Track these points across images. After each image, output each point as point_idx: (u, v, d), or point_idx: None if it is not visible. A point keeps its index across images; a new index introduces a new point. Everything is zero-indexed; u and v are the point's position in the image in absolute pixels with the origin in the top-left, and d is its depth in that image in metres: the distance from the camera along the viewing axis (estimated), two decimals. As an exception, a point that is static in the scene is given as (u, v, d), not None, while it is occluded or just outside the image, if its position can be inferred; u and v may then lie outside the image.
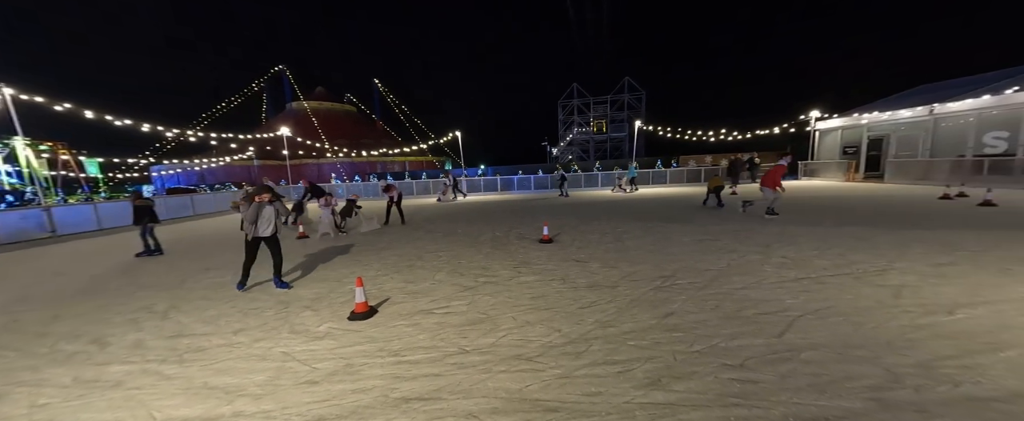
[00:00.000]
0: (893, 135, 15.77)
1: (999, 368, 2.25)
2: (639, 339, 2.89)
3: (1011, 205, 8.20)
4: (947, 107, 13.69)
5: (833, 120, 18.45)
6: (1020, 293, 3.36)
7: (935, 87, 17.35)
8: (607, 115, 42.97)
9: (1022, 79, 12.74)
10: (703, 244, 6.01)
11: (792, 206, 9.92)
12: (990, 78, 14.67)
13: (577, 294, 3.97)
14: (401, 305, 3.92)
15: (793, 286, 3.86)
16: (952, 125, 13.70)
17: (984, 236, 5.55)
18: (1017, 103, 11.80)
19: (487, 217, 11.05)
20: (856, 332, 2.81)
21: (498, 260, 5.66)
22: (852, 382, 2.20)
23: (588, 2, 64.95)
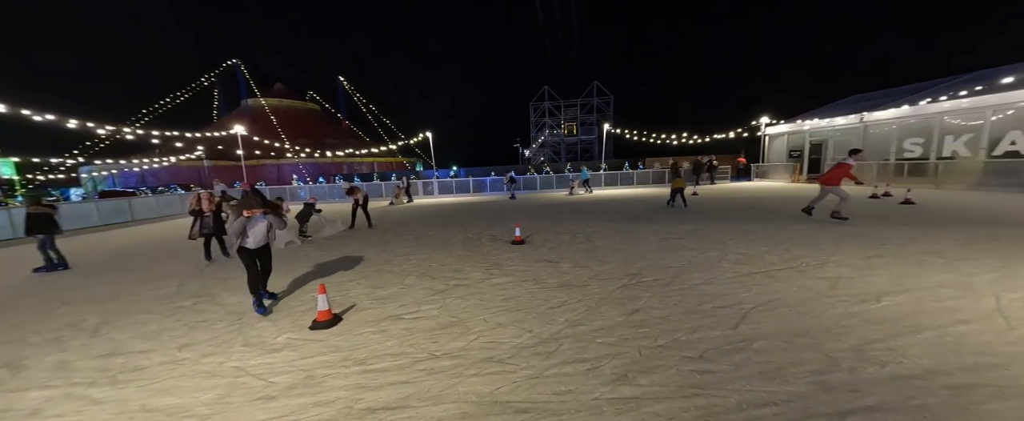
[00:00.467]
0: (831, 140, 17.38)
1: (917, 349, 2.54)
2: (607, 336, 2.97)
3: (926, 203, 9.29)
4: (874, 115, 15.30)
5: (780, 126, 20.03)
6: (934, 281, 3.80)
7: (865, 97, 19.32)
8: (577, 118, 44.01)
9: (935, 91, 14.50)
10: (667, 242, 6.30)
11: (748, 206, 10.64)
12: (909, 90, 16.57)
13: (548, 294, 4.02)
14: (368, 311, 3.78)
15: (746, 280, 4.14)
16: (878, 132, 15.32)
17: (905, 231, 6.24)
18: (930, 113, 13.41)
19: (459, 219, 10.92)
20: (800, 321, 3.06)
21: (470, 262, 5.61)
22: (797, 368, 2.39)
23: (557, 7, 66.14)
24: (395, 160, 42.90)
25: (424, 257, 6.11)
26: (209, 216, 6.54)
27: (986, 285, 3.61)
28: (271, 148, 31.81)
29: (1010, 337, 2.63)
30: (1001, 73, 12.59)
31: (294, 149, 34.99)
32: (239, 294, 4.60)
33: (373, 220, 10.59)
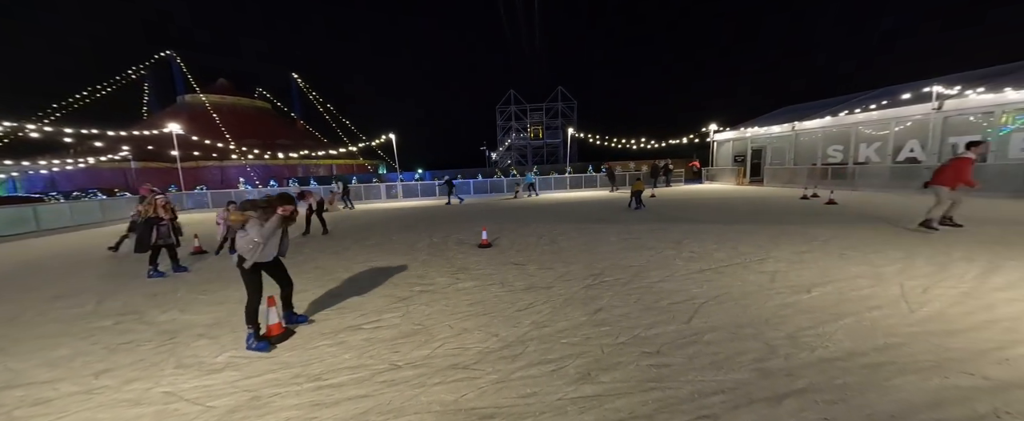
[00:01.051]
0: (768, 147, 19.16)
1: (839, 334, 2.85)
2: (571, 336, 3.03)
3: (847, 203, 10.52)
4: (803, 125, 17.10)
5: (726, 133, 21.76)
6: (852, 273, 4.31)
7: (797, 108, 21.53)
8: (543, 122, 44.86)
9: (852, 104, 16.49)
10: (627, 242, 6.59)
11: (700, 206, 11.42)
12: (832, 102, 18.71)
13: (515, 297, 4.04)
14: (324, 323, 3.56)
15: (698, 277, 4.43)
16: (807, 139, 17.14)
17: (829, 229, 7.01)
18: (848, 123, 15.24)
19: (425, 223, 10.68)
20: (744, 313, 3.33)
21: (435, 267, 5.49)
22: (741, 356, 2.59)
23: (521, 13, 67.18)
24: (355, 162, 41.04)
25: (387, 263, 5.89)
26: (166, 224, 5.81)
27: (892, 275, 4.15)
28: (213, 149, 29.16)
29: (911, 319, 3.04)
30: (901, 90, 14.62)
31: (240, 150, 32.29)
32: (172, 310, 4.15)
33: (334, 226, 10.05)
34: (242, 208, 3.12)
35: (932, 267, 4.35)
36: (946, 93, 11.99)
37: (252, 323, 3.05)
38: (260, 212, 3.04)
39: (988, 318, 2.98)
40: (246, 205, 3.10)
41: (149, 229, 5.62)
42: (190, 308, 4.20)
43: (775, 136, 18.69)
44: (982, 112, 11.33)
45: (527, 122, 45.00)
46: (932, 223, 6.17)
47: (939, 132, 12.27)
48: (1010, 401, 1.99)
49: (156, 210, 5.70)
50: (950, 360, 2.41)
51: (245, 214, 3.03)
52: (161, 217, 5.73)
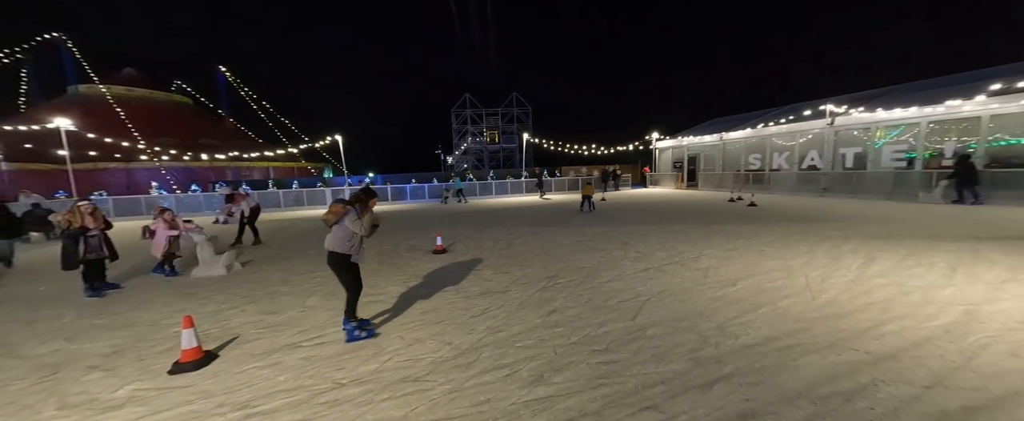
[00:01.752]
0: (702, 154, 21.19)
1: (758, 322, 3.22)
2: (526, 339, 3.07)
3: (765, 205, 11.96)
4: (729, 135, 19.18)
5: (666, 141, 23.66)
6: (768, 267, 4.90)
7: (724, 120, 24.08)
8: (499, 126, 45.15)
9: (768, 118, 18.83)
10: (580, 245, 6.85)
11: (645, 209, 12.24)
12: (752, 116, 21.22)
13: (470, 303, 3.99)
14: (256, 343, 3.22)
15: (643, 275, 4.74)
16: (733, 148, 19.25)
17: (751, 228, 7.92)
18: (764, 135, 17.38)
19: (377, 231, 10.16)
20: (682, 307, 3.62)
21: (386, 276, 5.25)
22: (679, 348, 2.81)
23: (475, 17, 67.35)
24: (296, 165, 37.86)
25: (330, 274, 5.49)
26: (96, 236, 4.88)
27: (799, 267, 4.80)
28: (116, 148, 25.13)
29: (814, 306, 3.53)
30: (804, 107, 17.03)
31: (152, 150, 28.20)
32: (55, 339, 3.49)
33: (274, 234, 9.16)
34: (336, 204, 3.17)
35: (829, 259, 5.10)
36: (836, 111, 14.22)
37: (354, 316, 3.18)
38: (359, 206, 3.15)
39: (868, 301, 3.56)
40: (340, 201, 3.17)
41: (76, 242, 4.76)
42: (81, 336, 3.56)
43: (707, 145, 20.72)
44: (862, 128, 13.61)
45: (483, 126, 45.01)
46: None
47: (833, 144, 14.49)
48: (885, 371, 2.39)
49: (82, 220, 4.80)
50: (841, 339, 2.84)
51: (344, 208, 3.10)
52: (88, 228, 4.83)
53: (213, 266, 5.63)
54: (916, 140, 12.09)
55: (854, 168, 13.79)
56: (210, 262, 5.66)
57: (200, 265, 5.61)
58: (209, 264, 5.64)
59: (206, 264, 5.62)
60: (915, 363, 2.46)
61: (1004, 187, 9.97)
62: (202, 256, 5.62)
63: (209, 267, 5.63)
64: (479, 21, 60.78)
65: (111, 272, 5.53)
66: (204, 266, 5.60)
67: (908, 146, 12.35)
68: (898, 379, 2.29)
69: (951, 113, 11.14)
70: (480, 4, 68.45)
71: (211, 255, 5.73)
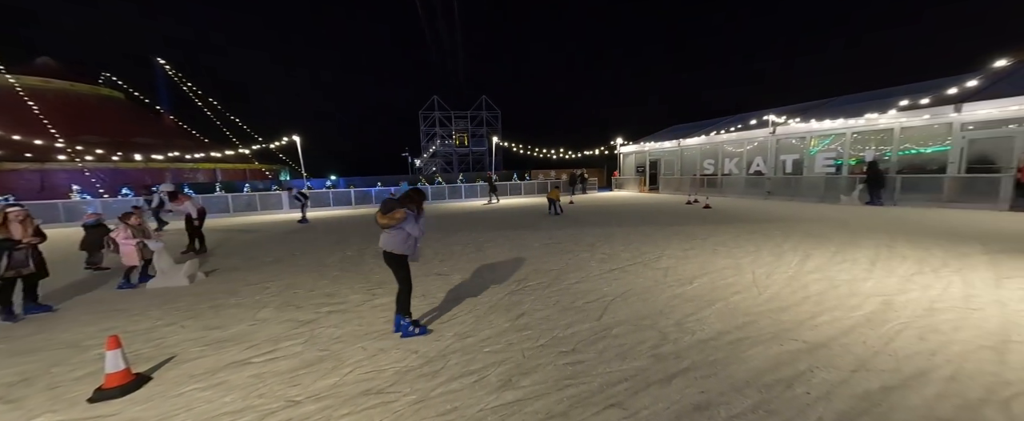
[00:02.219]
0: (662, 159, 22.37)
1: (712, 317, 3.44)
2: (494, 344, 3.06)
3: (719, 208, 12.84)
4: (686, 142, 20.43)
5: (630, 146, 24.74)
6: (721, 265, 5.25)
7: (681, 127, 25.60)
8: (468, 129, 44.90)
9: (719, 125, 20.27)
10: (548, 247, 6.96)
11: (611, 212, 12.67)
12: (707, 124, 22.74)
13: (438, 309, 3.91)
14: (197, 362, 2.94)
15: (608, 276, 4.90)
16: (689, 154, 20.51)
17: (706, 228, 8.46)
18: (717, 142, 18.69)
19: (338, 235, 9.69)
20: (644, 306, 3.79)
21: (348, 284, 5.01)
22: (641, 345, 2.93)
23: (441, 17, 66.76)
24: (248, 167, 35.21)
25: (287, 283, 5.16)
26: (24, 249, 4.12)
27: (748, 265, 5.19)
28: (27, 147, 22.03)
29: (760, 300, 3.83)
30: (751, 117, 18.53)
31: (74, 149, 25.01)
32: (-52, 370, 2.97)
33: (220, 241, 8.42)
34: (388, 208, 3.20)
35: (772, 257, 5.56)
36: (777, 121, 15.62)
37: (407, 313, 3.25)
38: (415, 208, 3.23)
39: (805, 295, 3.93)
40: (393, 204, 3.20)
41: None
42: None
43: (666, 150, 21.91)
44: (799, 137, 15.05)
45: (452, 129, 44.53)
46: None
47: (774, 151, 15.89)
48: (819, 358, 2.64)
49: (6, 228, 4.05)
50: (783, 331, 3.10)
51: (404, 213, 3.15)
52: (15, 238, 4.07)
53: (173, 276, 5.09)
54: (843, 148, 13.57)
55: (793, 173, 15.19)
56: (170, 272, 5.11)
57: (158, 275, 5.08)
58: (168, 274, 5.09)
59: (165, 274, 5.07)
60: (843, 350, 2.74)
61: (912, 190, 11.44)
62: (160, 265, 5.08)
63: (169, 277, 5.07)
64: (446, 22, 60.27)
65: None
66: (162, 276, 5.06)
67: (836, 154, 13.82)
68: (829, 365, 2.54)
69: (870, 125, 12.62)
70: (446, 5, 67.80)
71: (170, 264, 5.13)
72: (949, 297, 3.68)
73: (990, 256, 5.11)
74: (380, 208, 3.24)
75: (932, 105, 10.98)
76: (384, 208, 3.18)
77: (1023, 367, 2.42)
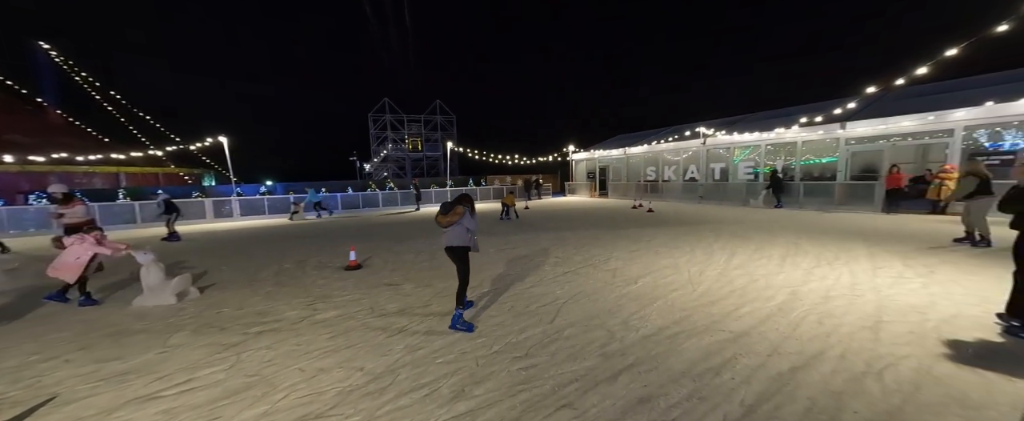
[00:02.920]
0: (610, 166, 23.72)
1: (654, 315, 3.70)
2: (447, 354, 2.98)
3: (660, 211, 13.89)
4: (631, 150, 21.90)
5: (581, 154, 25.89)
6: (662, 264, 5.67)
7: (627, 136, 27.39)
8: (422, 134, 43.77)
9: (659, 135, 22.03)
10: (504, 253, 6.99)
11: (564, 217, 13.09)
12: (649, 134, 24.58)
13: (386, 322, 3.72)
14: (87, 401, 2.49)
15: (561, 279, 5.04)
16: (634, 161, 22.00)
17: (650, 231, 9.10)
18: (657, 150, 20.28)
19: (273, 245, 8.84)
20: (594, 306, 3.95)
21: (284, 300, 4.58)
22: (591, 345, 3.06)
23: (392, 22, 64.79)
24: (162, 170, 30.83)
25: (209, 303, 4.58)
26: None
27: (684, 264, 5.67)
28: None
29: (695, 296, 4.19)
30: (686, 128, 20.41)
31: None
32: None
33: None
34: (447, 209, 3.59)
35: (705, 255, 6.14)
36: (707, 133, 17.40)
37: (463, 304, 3.60)
38: (469, 206, 3.67)
39: (731, 289, 4.38)
40: (450, 205, 3.60)
41: None
42: None
43: (614, 158, 23.29)
44: (725, 147, 16.89)
45: (405, 133, 43.09)
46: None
47: (705, 159, 17.65)
48: (743, 346, 2.96)
49: None
50: (713, 323, 3.43)
51: (462, 211, 3.56)
52: None
53: (160, 293, 4.55)
54: (759, 158, 15.49)
55: (720, 180, 16.98)
56: (158, 288, 4.56)
57: (144, 292, 4.57)
58: (156, 291, 4.55)
59: (152, 291, 4.55)
60: (760, 337, 3.10)
61: (812, 195, 13.39)
62: (148, 281, 4.54)
63: (156, 295, 4.55)
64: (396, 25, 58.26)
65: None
66: (150, 293, 4.55)
67: (754, 162, 15.74)
68: (750, 351, 2.86)
69: (779, 138, 14.58)
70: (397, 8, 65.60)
71: (160, 279, 4.58)
72: (840, 286, 4.35)
73: (869, 251, 6.13)
74: (440, 210, 3.63)
75: (824, 122, 12.98)
76: (444, 210, 3.60)
77: (892, 342, 2.93)
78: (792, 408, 2.17)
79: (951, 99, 11.00)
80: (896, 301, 3.79)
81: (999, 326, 3.09)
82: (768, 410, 2.16)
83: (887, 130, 11.75)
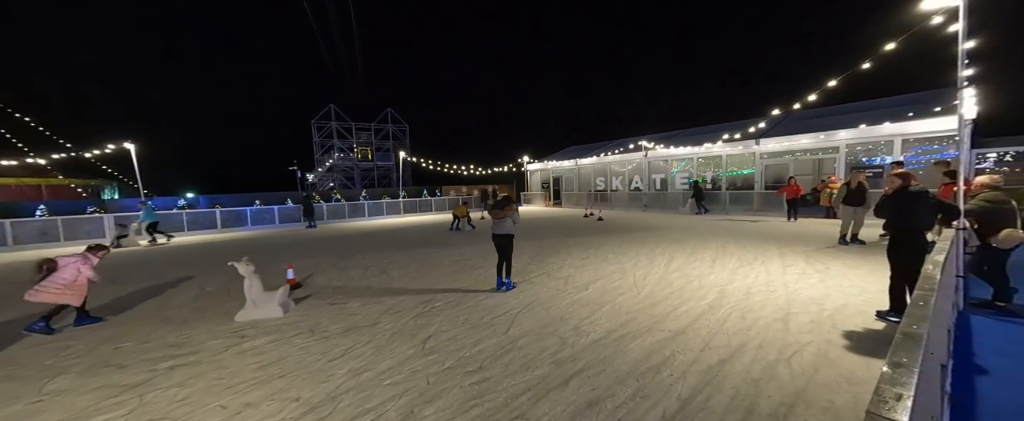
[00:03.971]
0: (563, 177, 24.65)
1: (603, 319, 3.88)
2: (396, 375, 2.85)
3: (610, 219, 14.68)
4: (582, 161, 23.00)
5: (535, 164, 26.60)
6: (610, 270, 5.98)
7: (578, 148, 28.72)
8: (372, 143, 41.95)
9: (608, 148, 23.42)
10: (458, 264, 6.89)
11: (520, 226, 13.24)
12: (597, 146, 26.01)
13: (328, 344, 3.46)
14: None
15: (516, 289, 5.09)
16: (585, 172, 23.12)
17: (599, 238, 9.56)
18: (606, 162, 21.54)
19: (194, 267, 7.82)
20: (546, 314, 4.04)
21: (204, 327, 4.06)
22: (543, 354, 3.11)
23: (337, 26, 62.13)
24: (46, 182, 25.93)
25: (105, 336, 3.91)
26: None
27: (630, 269, 6.04)
28: None
29: (639, 298, 4.48)
30: (630, 141, 21.97)
31: None
32: None
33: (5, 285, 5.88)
34: (501, 206, 5.12)
35: (647, 260, 6.60)
36: (648, 146, 18.90)
37: (508, 275, 5.16)
38: (514, 205, 5.10)
39: (670, 290, 4.75)
40: (502, 203, 5.13)
41: None
42: None
43: (566, 169, 24.26)
44: (664, 159, 18.45)
45: (353, 142, 40.95)
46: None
47: (648, 171, 19.10)
48: (681, 343, 3.21)
49: None
50: (655, 323, 3.68)
51: (512, 208, 5.08)
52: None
53: (266, 306, 4.33)
54: (693, 169, 17.14)
55: (661, 190, 18.46)
56: (262, 300, 4.34)
57: (247, 306, 4.32)
58: (261, 304, 4.32)
59: (256, 304, 4.31)
60: (694, 334, 3.39)
61: (737, 202, 15.08)
62: (251, 294, 4.31)
63: (262, 308, 4.32)
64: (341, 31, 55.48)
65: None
66: (252, 307, 4.31)
67: (689, 174, 17.37)
68: (685, 348, 3.11)
69: (708, 152, 16.29)
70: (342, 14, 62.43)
71: (261, 292, 4.35)
72: (758, 283, 4.92)
73: (780, 251, 7.04)
74: (494, 206, 5.11)
75: (743, 139, 14.79)
76: (500, 205, 5.09)
77: (798, 331, 3.38)
78: (719, 398, 2.39)
79: (837, 121, 13.17)
80: (801, 295, 4.39)
81: (877, 315, 3.70)
82: (700, 402, 2.36)
83: (792, 146, 13.70)
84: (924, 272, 2.09)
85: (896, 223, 3.54)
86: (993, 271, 3.88)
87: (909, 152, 11.20)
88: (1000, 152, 12.94)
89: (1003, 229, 3.69)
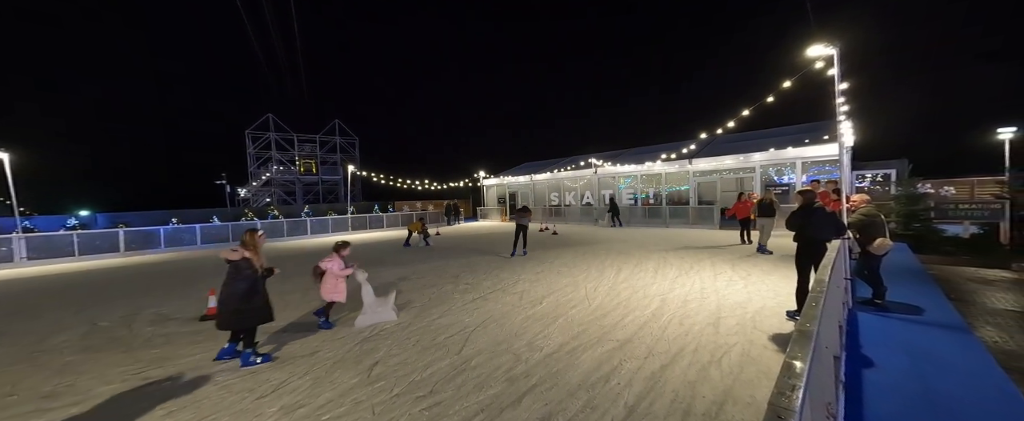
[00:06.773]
0: (519, 192, 25.10)
1: (556, 332, 3.95)
2: (336, 408, 2.63)
3: (563, 233, 15.14)
4: (537, 177, 23.68)
5: (492, 179, 26.80)
6: (563, 283, 6.15)
7: (532, 164, 29.54)
8: (317, 156, 39.32)
9: (560, 164, 24.38)
10: (409, 283, 6.62)
11: (475, 242, 13.12)
12: (551, 163, 26.98)
13: (256, 379, 3.10)
14: None
15: (470, 306, 5.01)
16: (540, 187, 23.79)
17: (553, 252, 9.81)
18: (559, 178, 22.40)
19: (85, 297, 6.61)
20: (501, 331, 4.02)
21: (96, 371, 3.42)
22: (497, 371, 3.08)
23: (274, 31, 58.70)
24: None
25: None
26: None
27: (582, 282, 6.26)
28: None
29: (590, 310, 4.64)
30: (581, 158, 23.15)
31: None
32: None
33: None
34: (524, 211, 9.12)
35: (597, 272, 6.90)
36: (597, 163, 20.07)
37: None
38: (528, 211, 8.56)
39: (618, 301, 5.00)
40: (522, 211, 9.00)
41: None
42: None
43: (522, 184, 24.77)
44: (613, 176, 19.68)
45: (294, 154, 38.04)
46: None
47: (598, 186, 20.20)
48: (627, 352, 3.37)
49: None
50: (605, 334, 3.84)
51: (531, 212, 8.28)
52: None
53: (381, 310, 4.51)
54: (637, 186, 18.47)
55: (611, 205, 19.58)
56: (377, 305, 4.50)
57: (365, 310, 4.43)
58: (376, 308, 4.48)
59: (372, 308, 4.45)
60: (639, 342, 3.60)
61: (675, 216, 16.48)
62: (367, 299, 4.44)
63: (378, 312, 4.49)
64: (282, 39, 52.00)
65: None
66: (370, 311, 4.43)
67: (634, 190, 18.68)
68: (631, 356, 3.28)
69: (649, 170, 17.72)
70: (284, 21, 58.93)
71: (373, 296, 4.47)
72: (694, 291, 5.38)
73: (711, 260, 7.78)
74: (519, 212, 8.56)
75: (678, 158, 16.35)
76: (523, 211, 8.66)
77: (727, 333, 3.73)
78: (661, 402, 2.55)
79: (753, 145, 15.12)
80: (729, 300, 4.87)
81: (788, 315, 4.22)
82: (644, 407, 2.49)
83: (718, 166, 15.41)
84: (816, 277, 2.46)
85: (802, 234, 4.12)
86: (871, 274, 4.66)
87: (809, 172, 13.17)
88: (872, 174, 15.74)
89: (877, 238, 4.47)
